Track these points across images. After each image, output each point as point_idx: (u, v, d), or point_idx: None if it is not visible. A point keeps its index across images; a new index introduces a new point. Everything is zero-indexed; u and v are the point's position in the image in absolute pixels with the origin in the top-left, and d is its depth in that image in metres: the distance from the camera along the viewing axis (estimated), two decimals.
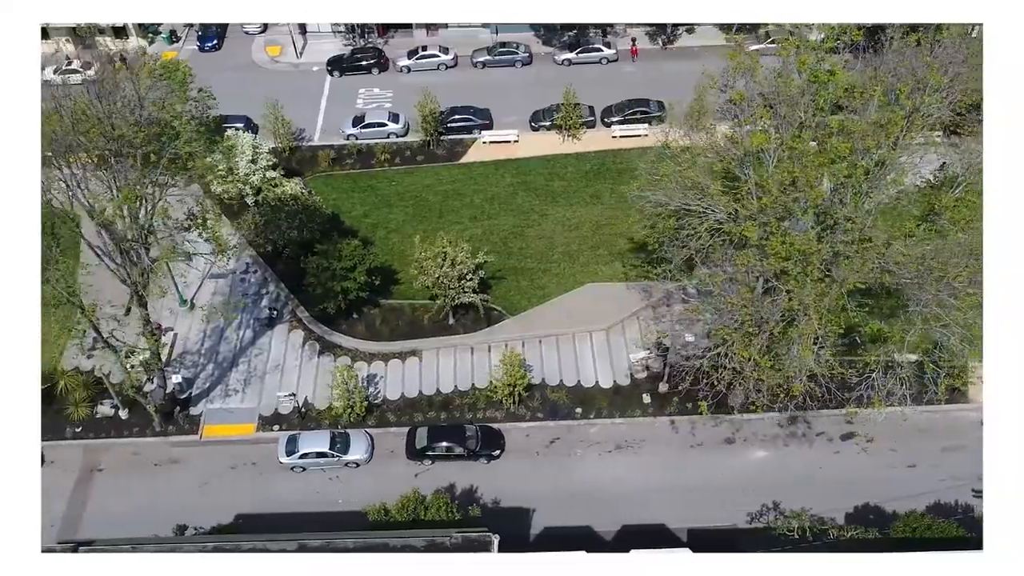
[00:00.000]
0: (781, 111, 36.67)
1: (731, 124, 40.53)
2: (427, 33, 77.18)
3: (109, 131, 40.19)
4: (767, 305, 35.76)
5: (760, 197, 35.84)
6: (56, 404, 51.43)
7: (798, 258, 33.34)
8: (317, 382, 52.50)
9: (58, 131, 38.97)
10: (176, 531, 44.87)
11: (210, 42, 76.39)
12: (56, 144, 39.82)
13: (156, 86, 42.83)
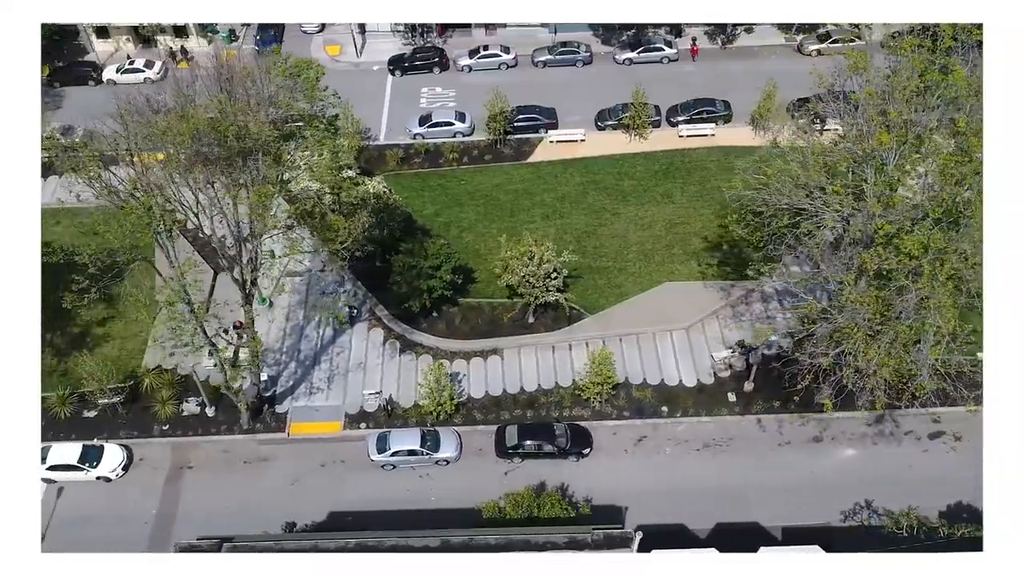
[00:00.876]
0: (900, 110, 36.61)
1: (843, 124, 40.48)
2: (486, 32, 77.31)
3: (245, 130, 40.40)
4: (898, 303, 35.81)
5: (889, 197, 35.87)
6: (141, 402, 51.82)
7: (932, 257, 33.41)
8: (401, 380, 52.70)
9: (200, 131, 38.99)
10: (285, 528, 45.07)
11: (269, 44, 75.63)
12: (195, 143, 39.75)
13: (286, 84, 43.01)
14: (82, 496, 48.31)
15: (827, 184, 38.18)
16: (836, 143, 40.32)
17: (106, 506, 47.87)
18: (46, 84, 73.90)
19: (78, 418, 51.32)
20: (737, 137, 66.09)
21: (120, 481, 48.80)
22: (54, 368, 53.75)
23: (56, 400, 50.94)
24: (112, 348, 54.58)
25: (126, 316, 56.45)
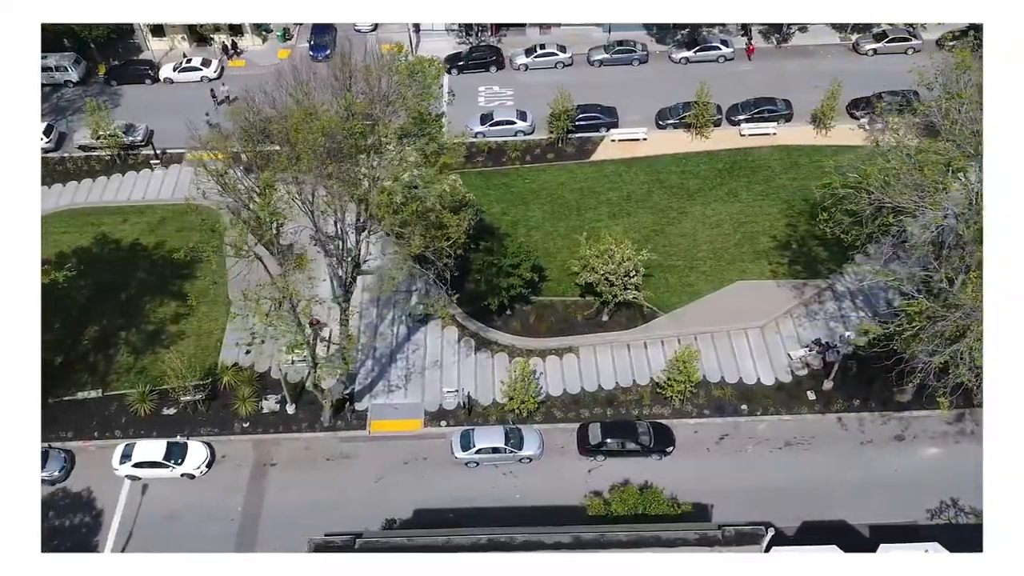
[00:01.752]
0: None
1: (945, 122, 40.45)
2: (540, 32, 77.37)
3: (370, 128, 40.55)
4: None
5: None
6: (220, 399, 51.94)
7: None
8: (478, 378, 52.79)
9: (331, 129, 39.09)
10: (385, 525, 45.18)
11: (323, 52, 75.01)
12: (327, 143, 39.79)
13: (406, 82, 43.13)
14: (166, 494, 48.43)
15: (939, 183, 38.10)
16: (938, 141, 40.26)
17: (191, 504, 48.00)
18: (103, 82, 74.18)
19: (158, 415, 51.40)
20: (799, 136, 66.17)
21: (204, 478, 48.91)
22: (131, 366, 53.89)
23: (137, 397, 51.07)
24: (188, 346, 54.66)
25: (198, 313, 56.70)
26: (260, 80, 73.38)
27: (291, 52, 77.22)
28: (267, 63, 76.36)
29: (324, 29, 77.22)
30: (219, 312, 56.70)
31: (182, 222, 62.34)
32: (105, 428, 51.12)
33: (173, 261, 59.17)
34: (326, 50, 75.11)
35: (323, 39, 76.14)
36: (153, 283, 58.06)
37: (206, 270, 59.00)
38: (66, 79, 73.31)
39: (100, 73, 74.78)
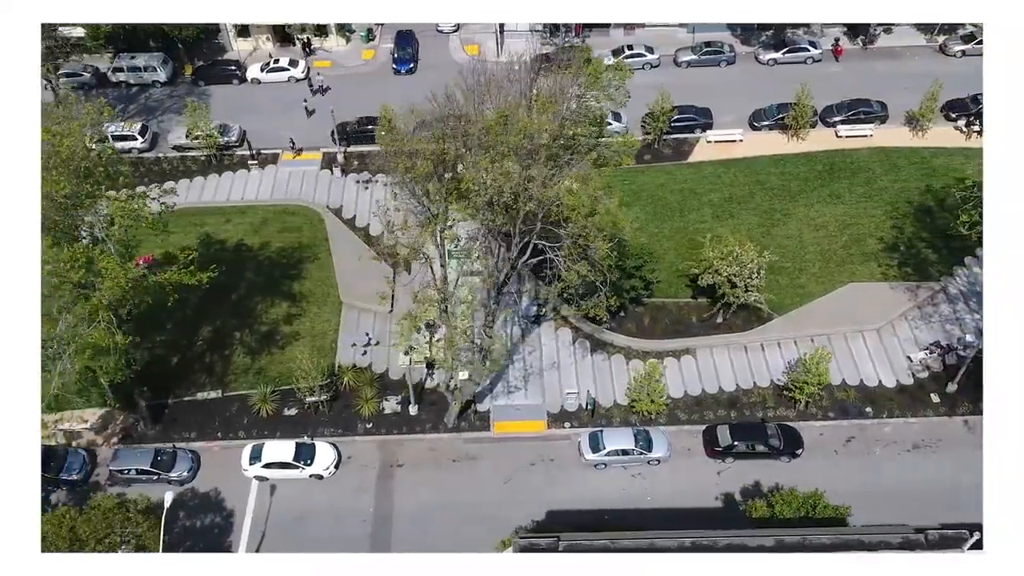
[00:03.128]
0: None
1: None
2: (624, 32, 77.30)
3: (557, 130, 40.58)
4: None
5: None
6: (341, 400, 51.94)
7: None
8: (596, 379, 52.78)
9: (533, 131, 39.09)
10: (533, 527, 45.17)
11: (406, 66, 74.57)
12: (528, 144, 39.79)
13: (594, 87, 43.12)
14: (296, 495, 48.47)
15: None
16: None
17: (321, 505, 48.02)
18: (190, 83, 74.30)
19: (279, 416, 51.45)
20: (896, 138, 66.06)
21: (332, 479, 48.94)
22: (248, 366, 53.95)
23: (259, 398, 51.13)
24: (303, 346, 54.63)
25: (310, 314, 56.77)
26: (349, 80, 74.55)
27: (375, 53, 77.28)
28: (352, 63, 76.66)
29: (406, 41, 76.34)
30: (331, 313, 56.74)
31: (284, 223, 62.55)
32: (228, 429, 51.18)
33: (280, 262, 59.77)
34: (409, 63, 74.50)
35: (405, 52, 75.31)
36: (262, 284, 58.09)
37: (315, 270, 59.34)
38: (154, 79, 73.42)
39: (186, 73, 74.92)
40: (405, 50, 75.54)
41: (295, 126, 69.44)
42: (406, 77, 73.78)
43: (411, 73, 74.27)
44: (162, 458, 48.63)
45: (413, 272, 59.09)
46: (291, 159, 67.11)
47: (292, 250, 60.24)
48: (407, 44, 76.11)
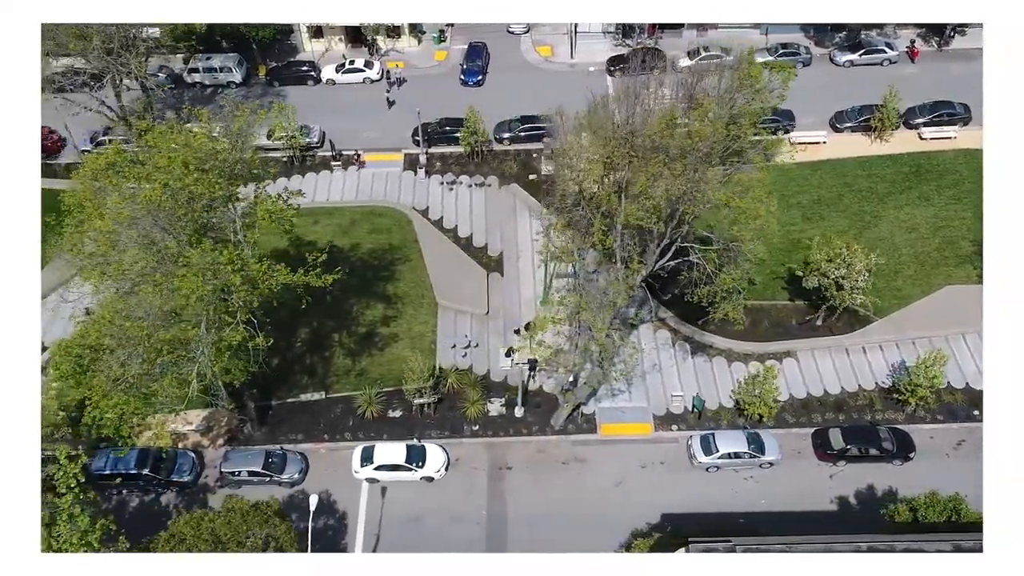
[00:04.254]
0: None
1: None
2: (697, 34, 77.16)
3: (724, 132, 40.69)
4: None
5: None
6: (446, 402, 51.86)
7: None
8: (700, 381, 52.71)
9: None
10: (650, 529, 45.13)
11: (474, 77, 73.43)
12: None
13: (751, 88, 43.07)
14: (408, 496, 48.43)
15: None
16: None
17: (434, 506, 48.00)
18: (265, 83, 74.30)
19: (384, 418, 51.43)
20: (981, 140, 65.67)
21: (442, 481, 48.90)
22: (349, 368, 53.93)
23: (365, 399, 51.11)
24: (402, 348, 54.63)
25: (406, 315, 56.73)
26: (424, 81, 74.45)
27: (448, 54, 77.18)
28: (425, 64, 76.59)
29: (477, 53, 75.12)
30: (427, 314, 56.70)
31: (372, 224, 62.53)
32: (334, 430, 51.18)
33: (372, 263, 59.74)
34: (477, 75, 73.27)
35: (475, 64, 74.02)
36: (355, 285, 57.92)
37: (407, 272, 59.31)
38: (229, 80, 73.39)
39: (260, 74, 74.90)
40: (475, 62, 74.31)
41: (372, 127, 69.49)
42: (485, 78, 73.74)
43: (479, 86, 73.00)
44: (273, 460, 48.64)
45: (506, 274, 59.19)
46: (374, 160, 67.06)
47: (383, 251, 60.18)
48: (477, 56, 74.85)
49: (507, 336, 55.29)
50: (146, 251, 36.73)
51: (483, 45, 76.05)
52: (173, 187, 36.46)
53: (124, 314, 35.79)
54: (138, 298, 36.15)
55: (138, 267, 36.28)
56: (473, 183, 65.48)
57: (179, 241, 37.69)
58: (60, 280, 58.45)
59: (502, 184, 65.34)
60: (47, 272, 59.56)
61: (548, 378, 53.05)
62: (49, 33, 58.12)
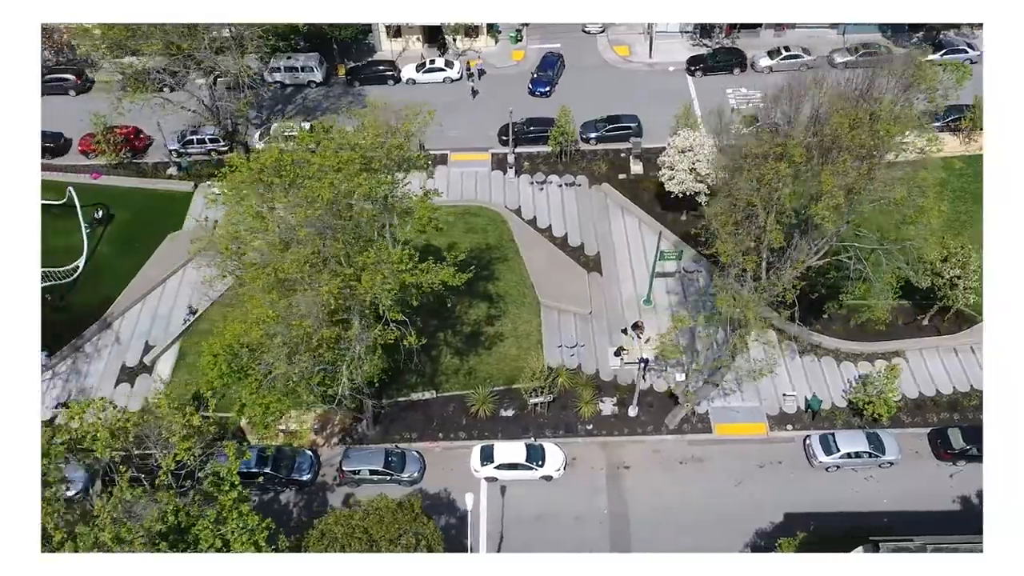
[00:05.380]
0: None
1: None
2: (774, 33, 77.21)
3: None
4: None
5: None
6: (558, 401, 51.90)
7: None
8: (810, 381, 52.74)
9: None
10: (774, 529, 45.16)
11: (543, 87, 72.65)
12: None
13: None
14: (528, 495, 48.45)
15: None
16: None
17: (555, 505, 48.02)
18: (345, 83, 74.38)
19: (496, 416, 51.48)
20: None
21: (561, 480, 48.93)
22: (457, 367, 53.99)
23: (479, 398, 51.17)
24: (508, 347, 54.74)
25: (510, 315, 56.79)
26: (502, 80, 74.48)
27: (525, 54, 77.27)
28: (503, 64, 76.66)
29: (550, 63, 74.11)
30: (530, 314, 56.76)
31: (468, 223, 62.60)
32: (447, 429, 51.26)
33: (471, 262, 59.61)
34: (546, 86, 72.30)
35: (546, 74, 73.21)
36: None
37: (506, 271, 59.36)
38: (310, 79, 73.52)
39: (340, 74, 75.01)
40: (545, 72, 73.44)
41: (455, 126, 69.40)
42: (554, 89, 73.20)
43: (545, 96, 72.05)
44: (393, 459, 48.72)
45: (605, 273, 59.25)
46: (460, 159, 67.15)
47: (481, 251, 60.22)
48: (550, 67, 73.84)
49: (612, 335, 55.34)
50: (315, 252, 36.74)
51: (558, 56, 75.23)
52: (338, 187, 36.50)
53: (294, 311, 35.87)
54: (303, 297, 36.17)
55: (306, 268, 36.27)
56: (563, 183, 65.54)
57: (345, 242, 37.79)
58: (162, 274, 58.95)
59: (592, 184, 65.40)
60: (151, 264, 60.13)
61: (658, 377, 53.05)
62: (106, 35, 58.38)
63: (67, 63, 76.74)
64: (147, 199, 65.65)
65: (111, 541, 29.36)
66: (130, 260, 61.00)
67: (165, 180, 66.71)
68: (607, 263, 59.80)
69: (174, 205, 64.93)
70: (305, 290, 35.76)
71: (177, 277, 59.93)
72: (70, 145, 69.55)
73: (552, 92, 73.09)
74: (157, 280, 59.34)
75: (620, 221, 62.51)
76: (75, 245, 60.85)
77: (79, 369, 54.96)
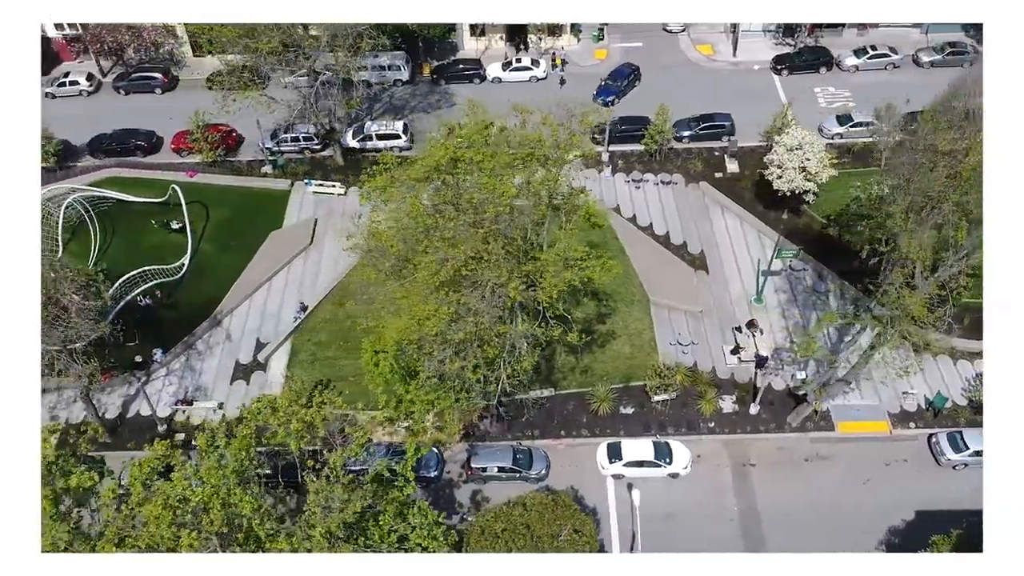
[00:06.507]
0: None
1: None
2: (857, 33, 77.20)
3: None
4: None
5: None
6: (678, 399, 51.97)
7: None
8: (927, 379, 52.73)
9: None
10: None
11: (607, 96, 71.56)
12: None
13: None
14: (656, 493, 48.43)
15: None
16: None
17: (685, 503, 48.07)
18: (430, 81, 74.49)
19: (616, 414, 51.56)
20: None
21: (688, 477, 48.98)
22: (574, 365, 54.05)
23: (601, 396, 51.25)
24: (622, 345, 54.79)
25: (621, 312, 56.85)
26: (585, 79, 74.43)
27: (607, 52, 77.36)
28: (586, 63, 76.75)
29: (622, 73, 72.98)
30: (640, 311, 56.81)
31: None
32: (569, 426, 51.34)
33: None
34: (612, 95, 71.06)
35: (615, 83, 72.14)
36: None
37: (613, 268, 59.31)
38: (396, 78, 73.64)
39: (425, 72, 75.13)
40: (616, 82, 72.43)
41: None
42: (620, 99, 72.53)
43: (608, 106, 70.02)
44: (520, 456, 48.78)
45: (711, 272, 59.29)
46: None
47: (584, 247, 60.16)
48: (622, 77, 72.86)
49: (725, 333, 55.40)
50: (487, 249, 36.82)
51: (633, 69, 73.93)
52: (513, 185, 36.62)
53: (469, 308, 35.96)
54: (476, 293, 36.26)
55: (484, 265, 36.35)
56: (659, 181, 65.60)
57: (512, 239, 37.90)
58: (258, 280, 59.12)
59: (687, 182, 65.45)
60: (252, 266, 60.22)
61: (775, 375, 53.06)
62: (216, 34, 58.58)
63: (151, 62, 76.97)
64: (243, 197, 65.79)
65: (321, 536, 29.43)
66: (232, 258, 61.20)
67: (260, 178, 66.87)
68: (712, 261, 59.84)
69: (272, 203, 65.12)
70: (475, 286, 35.79)
71: (283, 274, 60.08)
72: (162, 143, 69.70)
73: (617, 102, 71.86)
74: (263, 277, 59.47)
75: (721, 220, 62.54)
76: (165, 243, 61.44)
77: (193, 367, 55.10)
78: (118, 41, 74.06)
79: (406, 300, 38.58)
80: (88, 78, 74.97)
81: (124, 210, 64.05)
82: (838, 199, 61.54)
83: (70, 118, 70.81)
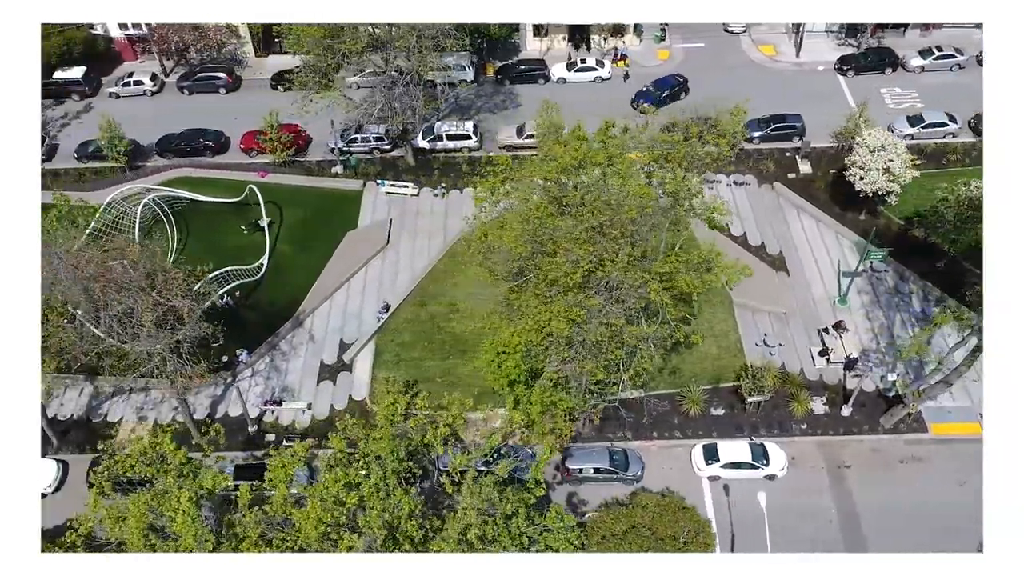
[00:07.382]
0: None
1: None
2: (920, 33, 77.03)
3: None
4: None
5: None
6: (770, 400, 51.88)
7: None
8: None
9: None
10: None
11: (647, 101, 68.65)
12: None
13: None
14: (752, 494, 48.23)
15: None
16: None
17: (782, 505, 47.82)
18: (495, 82, 74.42)
19: (707, 415, 51.55)
20: None
21: (784, 479, 48.90)
22: (662, 366, 53.93)
23: (693, 397, 51.21)
24: (708, 346, 54.69)
25: (705, 313, 56.77)
26: (650, 80, 74.27)
27: (670, 53, 77.29)
28: (649, 63, 76.69)
29: (666, 83, 71.71)
30: (724, 313, 56.77)
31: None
32: (661, 428, 51.29)
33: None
34: (648, 103, 67.30)
35: (656, 92, 70.64)
36: None
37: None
38: (461, 78, 73.50)
39: (488, 73, 75.08)
40: (657, 90, 70.94)
41: None
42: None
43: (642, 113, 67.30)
44: (616, 457, 48.73)
45: (793, 272, 59.19)
46: None
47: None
48: (664, 87, 71.57)
49: (810, 335, 55.31)
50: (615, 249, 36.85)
51: (679, 81, 72.32)
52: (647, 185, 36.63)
53: (600, 309, 35.95)
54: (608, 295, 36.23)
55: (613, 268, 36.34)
56: (732, 182, 65.53)
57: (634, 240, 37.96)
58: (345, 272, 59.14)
59: (760, 183, 65.37)
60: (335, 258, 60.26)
61: (864, 377, 52.93)
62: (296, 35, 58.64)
63: (213, 62, 77.00)
64: (316, 197, 65.78)
65: (475, 539, 29.39)
66: (309, 258, 61.21)
67: (331, 178, 66.85)
68: (792, 262, 59.75)
69: (345, 203, 65.11)
70: (606, 288, 35.73)
71: (361, 275, 60.07)
72: (229, 143, 69.70)
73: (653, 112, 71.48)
74: (342, 278, 59.46)
75: (797, 221, 62.48)
76: (241, 243, 61.48)
77: (278, 367, 55.11)
78: (183, 41, 74.03)
79: (527, 301, 38.56)
80: (152, 78, 75.02)
81: (196, 210, 64.07)
82: (914, 200, 61.50)
83: (136, 118, 70.85)
